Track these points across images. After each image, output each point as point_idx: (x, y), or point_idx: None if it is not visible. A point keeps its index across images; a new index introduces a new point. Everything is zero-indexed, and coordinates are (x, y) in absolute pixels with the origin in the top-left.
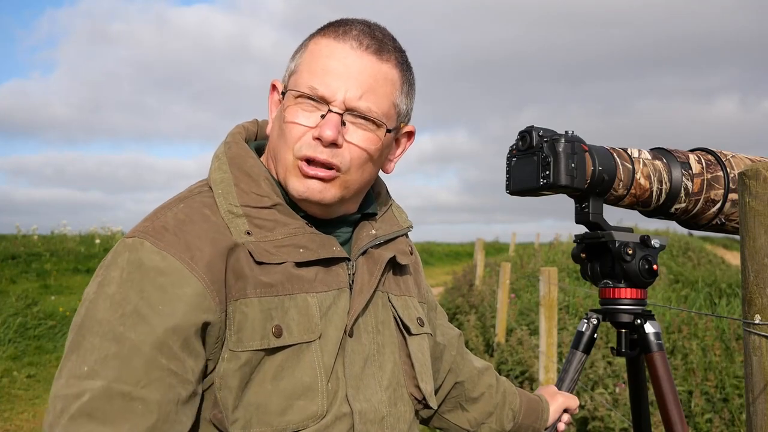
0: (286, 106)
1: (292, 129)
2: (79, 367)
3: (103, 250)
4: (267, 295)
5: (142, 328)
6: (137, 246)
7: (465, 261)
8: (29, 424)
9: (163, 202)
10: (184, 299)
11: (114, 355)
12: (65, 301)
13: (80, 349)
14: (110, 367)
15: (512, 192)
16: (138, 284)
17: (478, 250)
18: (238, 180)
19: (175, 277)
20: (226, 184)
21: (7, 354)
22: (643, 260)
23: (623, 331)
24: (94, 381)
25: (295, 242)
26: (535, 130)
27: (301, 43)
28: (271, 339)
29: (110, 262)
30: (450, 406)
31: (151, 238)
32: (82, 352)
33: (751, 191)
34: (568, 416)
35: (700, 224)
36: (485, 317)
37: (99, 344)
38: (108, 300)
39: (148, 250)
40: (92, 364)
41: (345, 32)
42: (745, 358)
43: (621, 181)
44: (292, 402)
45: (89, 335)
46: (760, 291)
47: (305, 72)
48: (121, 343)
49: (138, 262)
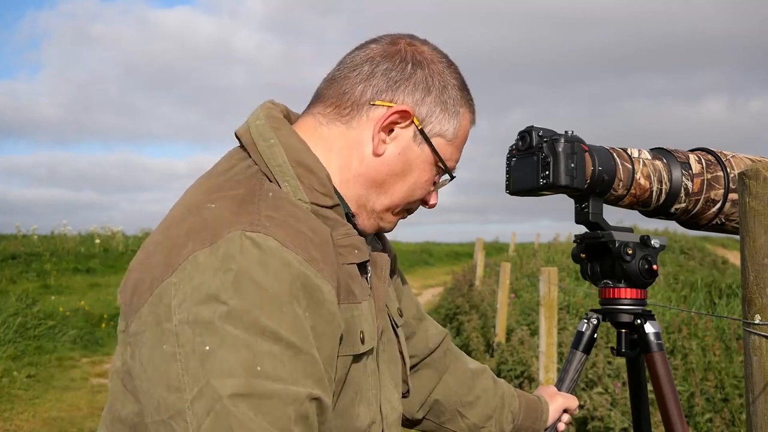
0: (422, 160)
1: (417, 190)
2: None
3: (103, 250)
4: (350, 302)
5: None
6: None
7: (464, 261)
8: (29, 424)
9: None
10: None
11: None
12: (65, 301)
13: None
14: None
15: (512, 192)
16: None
17: (478, 250)
18: (299, 173)
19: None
20: (290, 177)
21: (7, 354)
22: (643, 260)
23: (623, 331)
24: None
25: (351, 242)
26: (535, 130)
27: (454, 96)
28: (358, 345)
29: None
30: (449, 415)
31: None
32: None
33: (751, 191)
34: (568, 416)
35: (700, 224)
36: (485, 317)
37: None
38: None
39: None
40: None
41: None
42: (745, 358)
43: (621, 181)
44: (358, 410)
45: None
46: (760, 291)
47: (456, 150)
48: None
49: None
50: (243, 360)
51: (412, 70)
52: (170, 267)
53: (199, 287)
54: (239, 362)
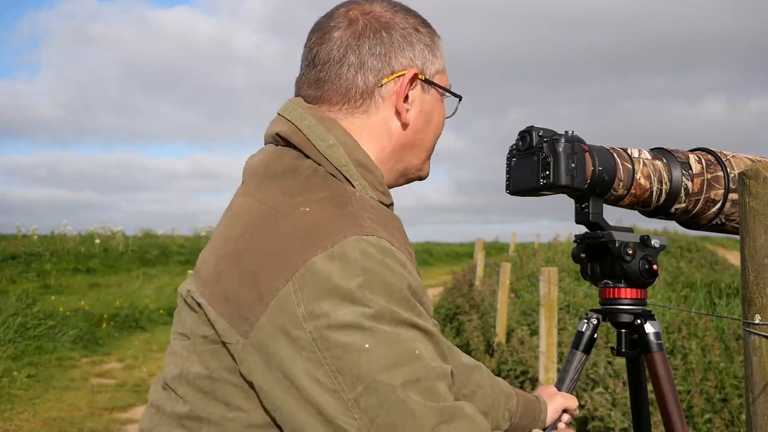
0: (434, 99)
1: (439, 128)
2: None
3: (103, 250)
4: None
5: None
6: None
7: (464, 261)
8: (29, 424)
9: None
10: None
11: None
12: (65, 301)
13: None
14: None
15: (512, 192)
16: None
17: (478, 250)
18: (361, 173)
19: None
20: (357, 177)
21: (7, 354)
22: (643, 260)
23: (623, 331)
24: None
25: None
26: (535, 130)
27: (426, 33)
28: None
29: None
30: None
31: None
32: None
33: (751, 191)
34: (568, 416)
35: (700, 224)
36: (485, 317)
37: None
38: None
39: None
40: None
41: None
42: (745, 358)
43: (621, 181)
44: None
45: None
46: (760, 291)
47: (446, 74)
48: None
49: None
50: (401, 351)
51: (388, 35)
52: (282, 276)
53: (329, 292)
54: (398, 354)
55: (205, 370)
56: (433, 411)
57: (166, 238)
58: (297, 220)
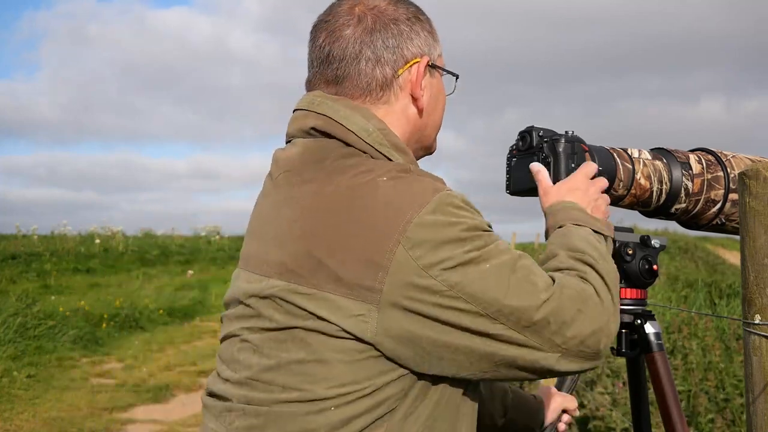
0: (438, 81)
1: (443, 104)
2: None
3: (103, 250)
4: None
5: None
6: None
7: None
8: (29, 424)
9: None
10: None
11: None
12: (65, 301)
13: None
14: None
15: (512, 192)
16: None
17: None
18: (400, 155)
19: None
20: (397, 156)
21: (7, 354)
22: (643, 260)
23: (623, 331)
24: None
25: None
26: (535, 130)
27: (426, 20)
28: None
29: None
30: None
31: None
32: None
33: (751, 191)
34: (568, 416)
35: (700, 224)
36: None
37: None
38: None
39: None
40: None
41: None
42: (745, 358)
43: (621, 182)
44: None
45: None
46: (760, 291)
47: (442, 55)
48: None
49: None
50: (511, 255)
51: (396, 28)
52: (393, 239)
53: (440, 240)
54: (512, 257)
55: (311, 354)
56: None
57: (166, 238)
58: (383, 190)
